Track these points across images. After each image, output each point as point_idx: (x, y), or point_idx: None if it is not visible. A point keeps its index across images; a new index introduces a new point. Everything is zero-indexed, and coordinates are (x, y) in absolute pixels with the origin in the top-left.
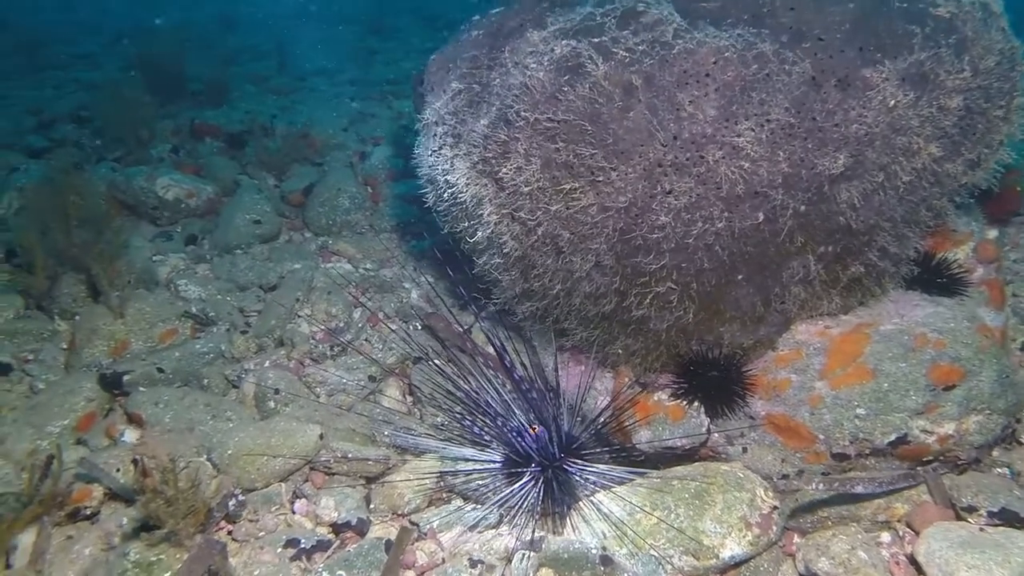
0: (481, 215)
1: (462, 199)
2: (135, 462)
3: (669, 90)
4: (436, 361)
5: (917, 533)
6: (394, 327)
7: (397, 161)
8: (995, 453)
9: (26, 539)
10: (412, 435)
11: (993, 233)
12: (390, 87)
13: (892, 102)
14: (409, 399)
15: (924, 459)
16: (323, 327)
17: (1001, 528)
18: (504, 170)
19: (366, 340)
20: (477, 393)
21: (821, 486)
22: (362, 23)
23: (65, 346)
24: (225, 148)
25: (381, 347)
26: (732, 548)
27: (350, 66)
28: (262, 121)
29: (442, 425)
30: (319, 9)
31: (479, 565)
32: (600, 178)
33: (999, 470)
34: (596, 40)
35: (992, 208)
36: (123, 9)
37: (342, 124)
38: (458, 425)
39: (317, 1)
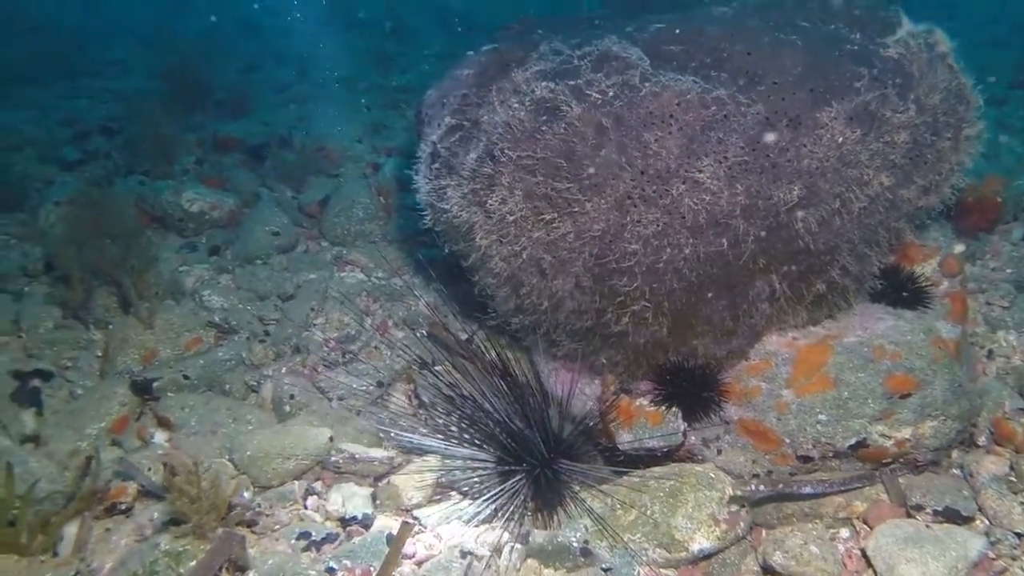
0: (473, 239)
1: (456, 223)
2: (165, 464)
3: (636, 130)
4: (438, 368)
5: (871, 529)
6: (401, 335)
7: (409, 172)
8: (954, 455)
9: (70, 531)
10: (416, 436)
11: (959, 248)
12: (404, 95)
13: (840, 139)
14: (414, 402)
15: (884, 461)
16: (336, 336)
17: (945, 525)
18: (490, 201)
19: (376, 347)
20: (476, 397)
21: (762, 487)
22: (380, 26)
23: (100, 354)
24: (246, 160)
25: (389, 354)
26: (701, 542)
27: (367, 72)
28: (280, 133)
29: (444, 427)
30: (339, 12)
31: (469, 556)
32: (576, 209)
33: (955, 471)
34: (572, 83)
35: (974, 219)
36: (149, 12)
37: (357, 135)
38: (458, 427)
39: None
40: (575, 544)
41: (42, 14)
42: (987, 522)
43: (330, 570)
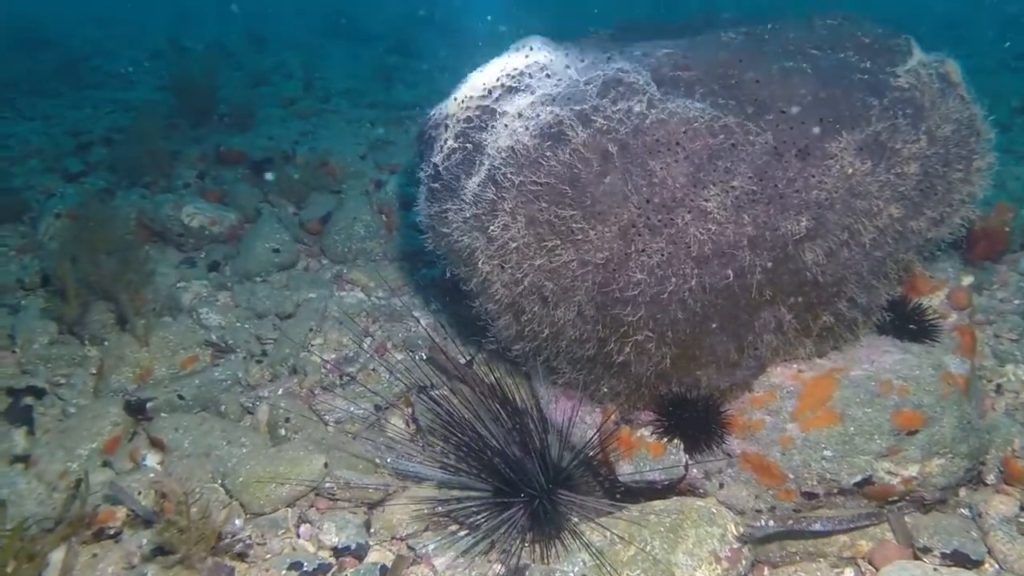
0: (475, 264)
1: (457, 248)
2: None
3: (642, 157)
4: (436, 392)
5: (877, 570)
6: (400, 357)
7: (411, 189)
8: (962, 493)
9: (56, 557)
10: (413, 463)
11: (968, 280)
12: (408, 111)
13: (850, 170)
14: (412, 428)
15: (890, 499)
16: (334, 357)
17: (953, 568)
18: (492, 226)
19: (374, 370)
20: (475, 424)
21: (771, 523)
22: (386, 39)
23: (94, 371)
24: (249, 175)
25: (388, 376)
26: None
27: (372, 87)
28: (284, 148)
29: (442, 453)
30: (346, 25)
31: None
32: (579, 236)
33: (962, 510)
34: (577, 108)
35: (981, 248)
36: (160, 26)
37: (360, 151)
38: (456, 454)
39: (345, 16)
40: None
41: (57, 30)
42: (996, 566)
43: None
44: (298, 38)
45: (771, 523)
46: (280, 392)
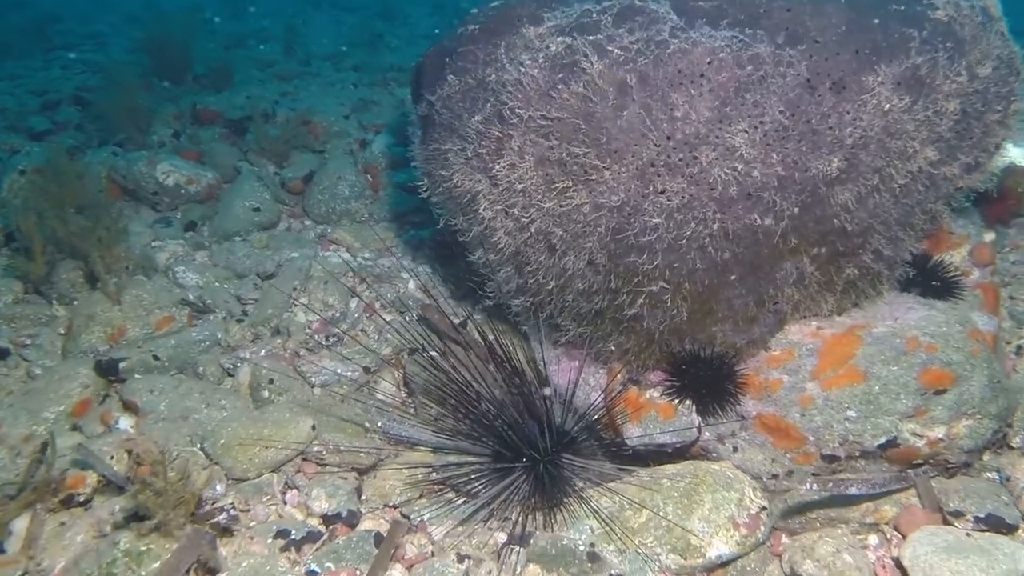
0: (475, 210)
1: (456, 193)
2: (129, 452)
3: (663, 90)
4: (430, 353)
5: (904, 536)
6: (390, 318)
7: (397, 149)
8: (986, 457)
9: (20, 525)
10: (405, 427)
11: (990, 236)
12: (394, 73)
13: (887, 106)
14: (403, 390)
15: (914, 462)
16: (319, 317)
17: (987, 534)
18: (498, 167)
19: (362, 330)
20: (471, 386)
21: (815, 486)
22: (371, 7)
23: (63, 331)
24: (226, 134)
25: (377, 337)
26: (719, 547)
27: (356, 51)
28: (263, 107)
29: (436, 417)
30: None
31: (466, 560)
32: (593, 177)
33: (989, 474)
34: (591, 38)
35: (993, 210)
36: None
37: (344, 111)
38: (452, 417)
39: None
40: (581, 547)
41: None
42: None
43: (311, 573)
44: (280, 5)
45: (814, 486)
46: (263, 353)
